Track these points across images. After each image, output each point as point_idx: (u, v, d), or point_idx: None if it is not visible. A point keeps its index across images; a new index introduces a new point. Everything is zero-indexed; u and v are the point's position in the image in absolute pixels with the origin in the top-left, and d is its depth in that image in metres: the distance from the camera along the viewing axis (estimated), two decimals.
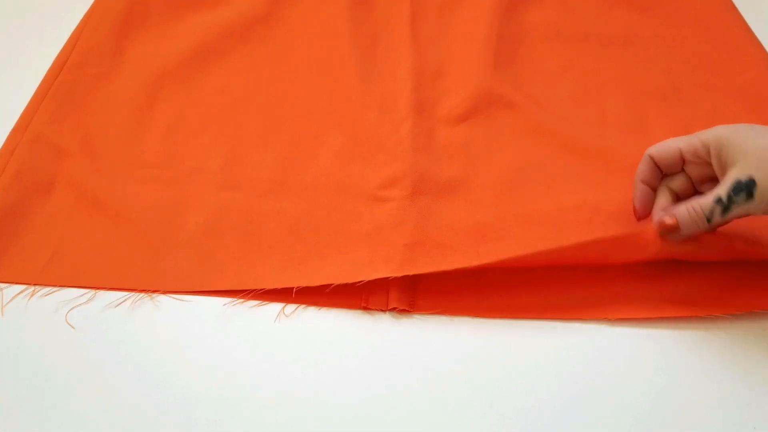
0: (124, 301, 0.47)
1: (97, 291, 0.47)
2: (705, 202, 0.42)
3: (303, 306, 0.47)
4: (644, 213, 0.48)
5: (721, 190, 0.41)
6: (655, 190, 0.48)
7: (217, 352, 0.44)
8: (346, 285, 0.47)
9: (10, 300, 0.46)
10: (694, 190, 0.47)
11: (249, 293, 0.47)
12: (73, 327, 0.45)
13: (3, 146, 0.55)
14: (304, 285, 0.47)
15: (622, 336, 0.46)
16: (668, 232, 0.44)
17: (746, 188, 0.40)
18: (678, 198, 0.47)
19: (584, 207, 0.53)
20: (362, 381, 0.43)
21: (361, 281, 0.46)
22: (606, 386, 0.43)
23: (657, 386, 0.43)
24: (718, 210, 0.41)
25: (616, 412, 0.42)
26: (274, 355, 0.44)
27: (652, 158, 0.47)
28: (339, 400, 0.42)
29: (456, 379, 0.43)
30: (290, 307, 0.47)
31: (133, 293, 0.47)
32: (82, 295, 0.47)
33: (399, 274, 0.46)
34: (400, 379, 0.43)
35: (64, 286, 0.47)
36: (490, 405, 0.42)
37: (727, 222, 0.44)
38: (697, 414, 0.42)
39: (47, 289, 0.47)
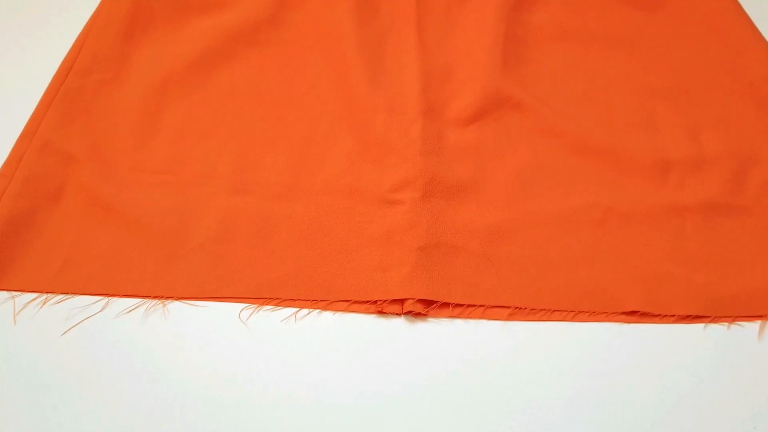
0: (137, 307, 0.46)
1: (109, 298, 0.47)
2: None
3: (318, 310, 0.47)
4: None
5: None
6: None
7: (232, 356, 0.44)
8: (362, 291, 0.47)
9: (23, 308, 0.46)
10: None
11: (263, 299, 0.47)
12: (85, 334, 0.45)
13: (11, 153, 0.54)
14: (320, 298, 0.47)
15: (624, 337, 0.46)
16: None
17: None
18: None
19: (596, 207, 0.53)
20: (376, 383, 0.43)
21: (380, 300, 0.47)
22: (609, 386, 0.43)
23: (658, 386, 0.43)
24: None
25: (618, 411, 0.42)
26: (291, 358, 0.44)
27: None
28: (355, 401, 0.42)
29: (471, 381, 0.43)
30: (303, 310, 0.47)
31: (146, 300, 0.47)
32: (96, 302, 0.47)
33: (414, 297, 0.46)
34: (414, 380, 0.43)
35: (77, 293, 0.47)
36: (504, 405, 0.42)
37: None
38: (697, 414, 0.42)
39: (59, 297, 0.47)
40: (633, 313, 0.47)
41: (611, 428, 0.41)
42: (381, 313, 0.47)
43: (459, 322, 0.46)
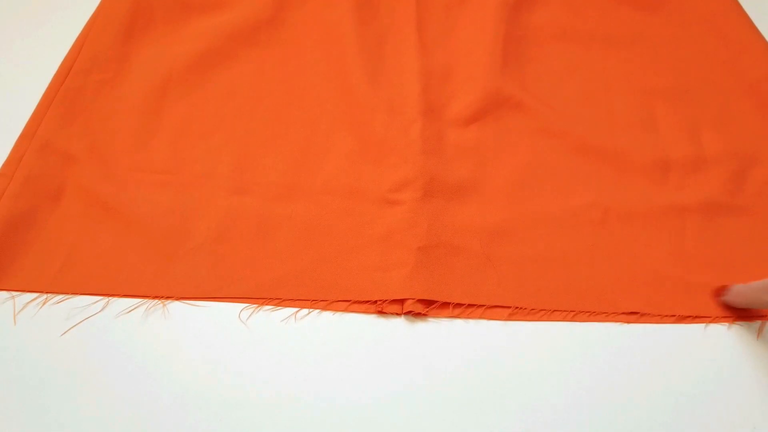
0: (137, 307, 0.46)
1: (109, 298, 0.47)
2: None
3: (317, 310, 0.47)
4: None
5: None
6: None
7: (231, 356, 0.44)
8: (362, 291, 0.47)
9: (23, 308, 0.46)
10: None
11: (263, 299, 0.47)
12: (85, 334, 0.45)
13: (11, 153, 0.54)
14: (320, 298, 0.47)
15: (624, 337, 0.46)
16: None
17: None
18: None
19: (596, 207, 0.53)
20: (376, 383, 0.43)
21: (380, 300, 0.47)
22: (609, 386, 0.43)
23: (657, 386, 0.43)
24: None
25: (618, 411, 0.42)
26: (291, 358, 0.44)
27: None
28: (355, 401, 0.42)
29: (471, 381, 0.43)
30: (303, 310, 0.47)
31: (146, 300, 0.47)
32: (96, 302, 0.47)
33: (414, 297, 0.46)
34: (414, 380, 0.43)
35: (77, 293, 0.47)
36: (504, 405, 0.42)
37: None
38: (697, 414, 0.42)
39: (59, 297, 0.47)
40: (633, 313, 0.47)
41: (611, 428, 0.41)
42: (381, 313, 0.47)
43: (459, 322, 0.46)
